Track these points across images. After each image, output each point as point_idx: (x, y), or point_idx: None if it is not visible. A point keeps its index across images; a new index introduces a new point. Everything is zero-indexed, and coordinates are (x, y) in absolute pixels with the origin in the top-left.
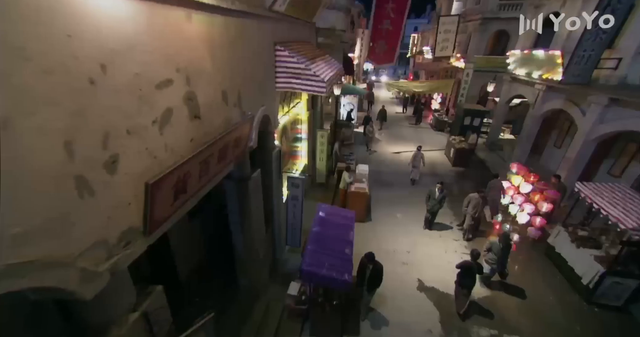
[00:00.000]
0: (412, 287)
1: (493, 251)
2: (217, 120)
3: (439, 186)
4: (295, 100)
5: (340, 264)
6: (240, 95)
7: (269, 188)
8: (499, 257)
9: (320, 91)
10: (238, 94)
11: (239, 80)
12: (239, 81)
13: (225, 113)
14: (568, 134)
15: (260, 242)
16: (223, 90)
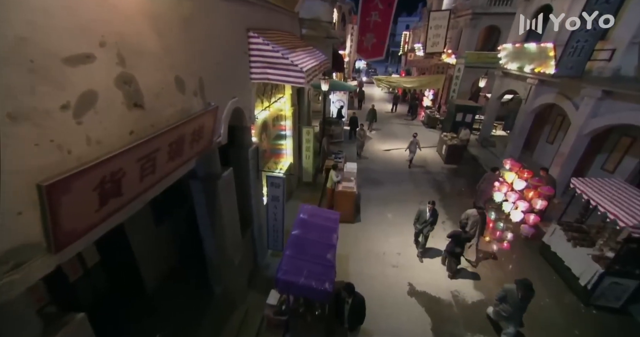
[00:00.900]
0: (402, 292)
1: (508, 302)
2: (169, 111)
3: (430, 206)
4: (278, 95)
5: (320, 272)
6: (202, 83)
7: (246, 188)
8: (514, 311)
9: (298, 82)
10: (199, 82)
11: (200, 67)
12: (199, 67)
13: (180, 103)
14: (561, 129)
15: (235, 246)
16: (177, 76)
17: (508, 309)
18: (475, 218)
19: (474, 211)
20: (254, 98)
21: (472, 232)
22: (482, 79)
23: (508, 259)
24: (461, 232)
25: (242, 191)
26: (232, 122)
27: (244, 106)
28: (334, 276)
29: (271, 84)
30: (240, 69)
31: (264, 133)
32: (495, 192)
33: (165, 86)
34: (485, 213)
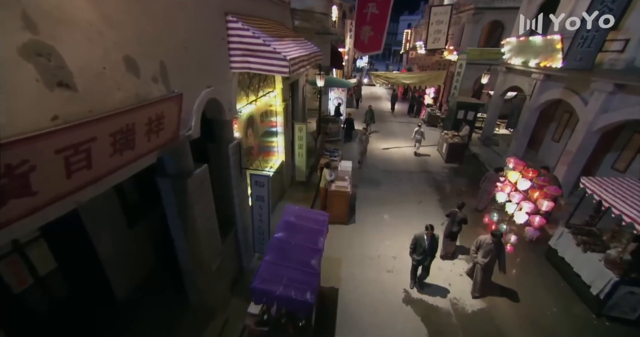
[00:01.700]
0: (397, 299)
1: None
2: (118, 96)
3: (427, 231)
4: (267, 89)
5: (302, 280)
6: (165, 68)
7: (227, 187)
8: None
9: (281, 72)
10: (160, 67)
11: (162, 49)
12: (161, 50)
13: (134, 88)
14: (567, 126)
15: (212, 250)
16: (127, 56)
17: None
18: (488, 247)
19: (487, 238)
20: (235, 89)
21: (484, 264)
22: (484, 76)
23: (511, 264)
24: (457, 212)
25: (223, 190)
26: (210, 115)
27: (223, 98)
28: (317, 284)
29: (258, 77)
30: (217, 56)
31: (249, 129)
32: (498, 192)
33: (108, 66)
34: (503, 242)
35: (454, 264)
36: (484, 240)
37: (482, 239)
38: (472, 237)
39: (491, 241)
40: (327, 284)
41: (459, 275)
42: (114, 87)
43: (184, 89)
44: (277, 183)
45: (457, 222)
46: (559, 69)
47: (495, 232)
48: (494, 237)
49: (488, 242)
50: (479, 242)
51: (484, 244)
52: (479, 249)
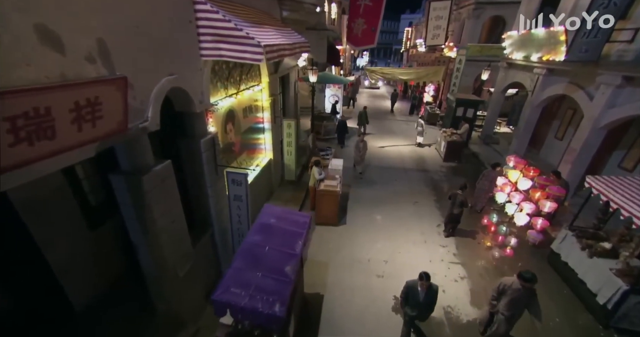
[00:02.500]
0: (387, 307)
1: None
2: (25, 73)
3: (422, 281)
4: (251, 82)
5: (272, 289)
6: (105, 47)
7: (200, 186)
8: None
9: (255, 59)
10: (98, 44)
11: (100, 24)
12: (97, 24)
13: (54, 66)
14: (571, 123)
15: (180, 255)
16: (38, 25)
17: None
18: (516, 294)
19: (514, 282)
20: (208, 80)
21: (511, 315)
22: (485, 72)
23: (511, 269)
24: (458, 193)
25: (196, 189)
26: (178, 107)
27: (191, 88)
28: (289, 294)
29: (240, 69)
30: (183, 41)
31: (229, 124)
32: (498, 192)
33: (8, 33)
34: (534, 288)
35: (449, 268)
36: (509, 284)
37: (507, 283)
38: (469, 239)
39: (520, 287)
40: (312, 290)
41: (453, 280)
42: (20, 61)
43: (137, 74)
44: (265, 182)
45: (458, 204)
46: (562, 62)
47: (525, 274)
48: (524, 281)
49: (516, 287)
50: (502, 287)
51: (509, 289)
52: (502, 295)
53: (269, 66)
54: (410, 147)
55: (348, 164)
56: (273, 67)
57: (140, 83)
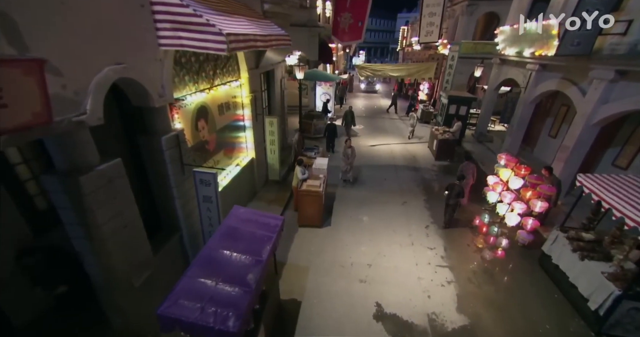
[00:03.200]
0: (368, 314)
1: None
2: None
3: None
4: (227, 78)
5: (229, 301)
6: (13, 24)
7: (164, 186)
8: None
9: (218, 48)
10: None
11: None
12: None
13: None
14: (565, 121)
15: (135, 262)
16: None
17: None
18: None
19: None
20: (170, 72)
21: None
22: (477, 68)
23: (501, 271)
24: (456, 184)
25: (160, 190)
26: (135, 101)
27: (147, 80)
28: (246, 307)
29: (214, 62)
30: (133, 27)
31: (201, 121)
32: (489, 192)
33: None
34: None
35: (436, 272)
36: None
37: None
38: (459, 241)
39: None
40: (289, 296)
41: (440, 285)
42: None
43: (67, 59)
44: (247, 182)
45: (455, 194)
46: (554, 57)
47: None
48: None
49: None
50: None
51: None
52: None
53: (248, 61)
54: (402, 146)
55: (336, 163)
56: (253, 61)
57: (73, 70)
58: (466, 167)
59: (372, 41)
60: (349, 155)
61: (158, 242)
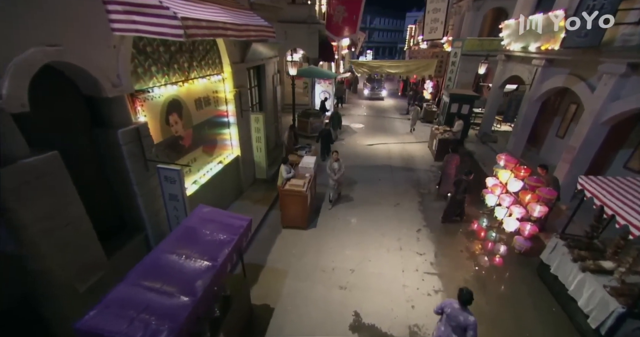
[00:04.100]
0: (344, 324)
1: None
2: None
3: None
4: (206, 71)
5: (164, 312)
6: None
7: (124, 184)
8: None
9: (174, 34)
10: None
11: None
12: None
13: None
14: (574, 120)
15: (80, 265)
16: None
17: None
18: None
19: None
20: (128, 61)
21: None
22: (481, 65)
23: (495, 281)
24: (464, 180)
25: (121, 187)
26: (85, 91)
27: (96, 67)
28: (186, 317)
29: (189, 53)
30: (74, 6)
31: (173, 115)
32: (488, 194)
33: None
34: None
35: (423, 280)
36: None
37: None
38: (451, 246)
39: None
40: (263, 301)
41: (426, 294)
42: None
43: None
44: (232, 181)
45: (462, 190)
46: (561, 51)
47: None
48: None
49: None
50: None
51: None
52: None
53: (232, 54)
54: (401, 146)
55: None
56: (238, 55)
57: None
58: (450, 158)
59: (380, 41)
60: (335, 170)
61: (117, 243)
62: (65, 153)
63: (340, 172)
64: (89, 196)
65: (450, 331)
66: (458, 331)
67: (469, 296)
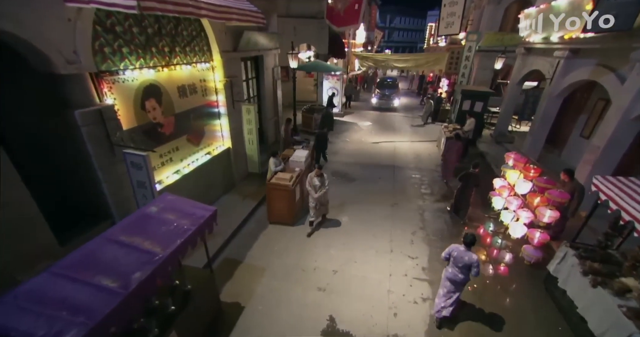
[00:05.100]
0: (316, 329)
1: None
2: None
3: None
4: (192, 57)
5: (82, 307)
6: None
7: (87, 169)
8: None
9: (125, 6)
10: None
11: None
12: None
13: None
14: (602, 117)
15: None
16: None
17: None
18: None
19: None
20: (88, 37)
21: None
22: (498, 60)
23: (494, 292)
24: (471, 173)
25: (83, 172)
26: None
27: (41, 40)
28: (107, 313)
29: (171, 37)
30: None
31: (151, 100)
32: (495, 197)
33: None
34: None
35: (411, 285)
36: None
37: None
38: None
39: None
40: (234, 299)
41: (412, 302)
42: None
43: None
44: (221, 173)
45: (472, 184)
46: (588, 39)
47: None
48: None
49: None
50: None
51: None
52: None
53: (222, 42)
54: (409, 144)
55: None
56: (229, 44)
57: None
58: (452, 144)
59: (399, 40)
60: (316, 186)
61: (79, 230)
62: (16, 133)
63: (322, 190)
64: (45, 179)
65: (457, 271)
66: (464, 271)
67: (472, 237)
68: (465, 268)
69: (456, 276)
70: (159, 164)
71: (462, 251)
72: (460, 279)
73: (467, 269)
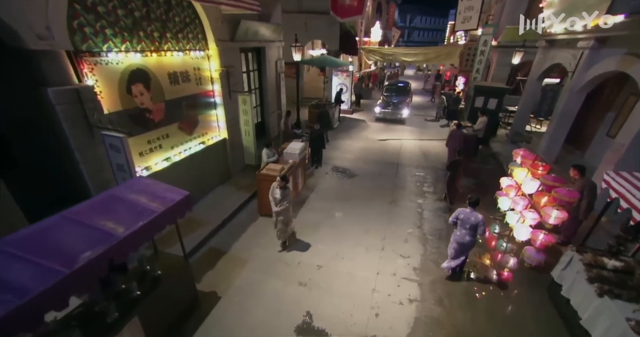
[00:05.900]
0: (290, 325)
1: None
2: None
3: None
4: (185, 44)
5: (15, 285)
6: None
7: (61, 149)
8: None
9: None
10: None
11: None
12: None
13: None
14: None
15: None
16: None
17: None
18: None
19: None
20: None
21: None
22: (516, 55)
23: (491, 296)
24: (458, 161)
25: (61, 154)
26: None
27: (6, 12)
28: (41, 291)
29: (161, 23)
30: None
31: (137, 85)
32: (501, 197)
33: None
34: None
35: (399, 285)
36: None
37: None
38: (445, 253)
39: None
40: (211, 288)
41: (398, 303)
42: None
43: None
44: (216, 163)
45: (459, 172)
46: (619, 25)
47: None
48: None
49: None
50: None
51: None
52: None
53: (218, 30)
54: (416, 142)
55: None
56: (226, 33)
57: None
58: (453, 133)
59: (420, 40)
60: (276, 199)
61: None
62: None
63: (283, 204)
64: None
65: (465, 233)
66: (471, 232)
67: (476, 198)
68: (472, 229)
69: (464, 238)
70: (146, 150)
71: (468, 212)
72: (468, 241)
73: (474, 230)
